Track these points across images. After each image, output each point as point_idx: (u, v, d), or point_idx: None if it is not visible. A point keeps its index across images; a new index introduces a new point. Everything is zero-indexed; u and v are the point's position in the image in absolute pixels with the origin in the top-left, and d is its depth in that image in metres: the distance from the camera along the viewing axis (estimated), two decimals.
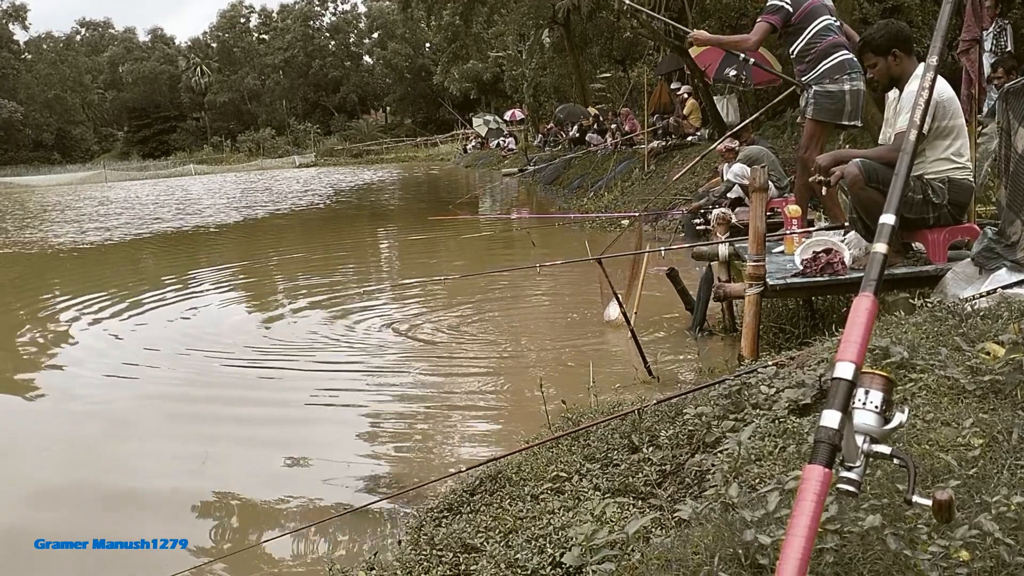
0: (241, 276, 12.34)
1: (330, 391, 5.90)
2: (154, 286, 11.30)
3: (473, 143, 48.94)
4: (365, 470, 4.48)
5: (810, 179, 5.18)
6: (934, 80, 1.52)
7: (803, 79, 5.39)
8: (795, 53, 5.38)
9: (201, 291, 10.88)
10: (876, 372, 1.27)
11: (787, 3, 5.26)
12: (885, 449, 1.24)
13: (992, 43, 8.24)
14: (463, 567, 2.70)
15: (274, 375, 6.29)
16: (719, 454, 2.63)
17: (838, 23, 5.38)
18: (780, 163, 8.68)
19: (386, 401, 5.62)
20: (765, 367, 3.24)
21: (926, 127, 4.17)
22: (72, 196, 36.86)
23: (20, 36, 79.36)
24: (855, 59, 5.30)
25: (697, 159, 8.55)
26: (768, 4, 5.34)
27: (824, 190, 5.55)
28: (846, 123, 5.39)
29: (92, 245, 17.47)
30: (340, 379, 6.16)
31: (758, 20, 5.40)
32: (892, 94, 4.53)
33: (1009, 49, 8.48)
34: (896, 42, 4.27)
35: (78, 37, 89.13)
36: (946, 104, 4.23)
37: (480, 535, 2.83)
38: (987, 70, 7.33)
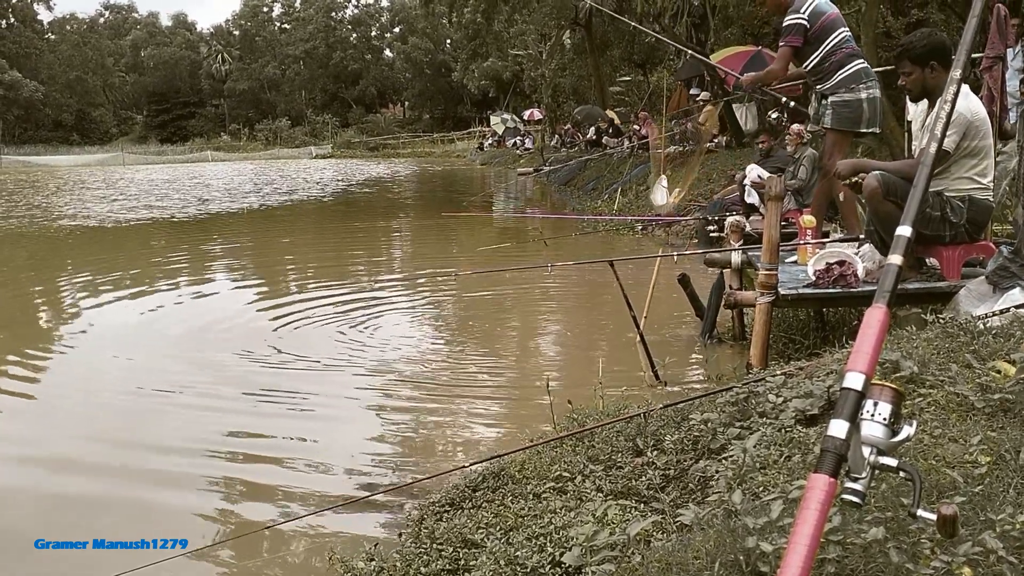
0: (273, 260, 12.42)
1: (336, 385, 5.90)
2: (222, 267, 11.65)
3: (490, 141, 48.95)
4: (369, 462, 4.50)
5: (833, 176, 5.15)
6: (956, 94, 1.51)
7: (819, 89, 5.40)
8: (810, 66, 5.38)
9: (235, 277, 11.00)
10: (886, 384, 1.26)
11: (804, 19, 5.28)
12: (891, 462, 1.23)
13: (1023, 61, 8.15)
14: (463, 562, 2.71)
15: (282, 368, 6.29)
16: (724, 461, 2.62)
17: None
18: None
19: (391, 395, 5.62)
20: (773, 376, 3.23)
21: (955, 144, 4.14)
22: (104, 176, 37.29)
23: (44, 16, 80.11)
24: (870, 68, 5.36)
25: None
26: (785, 26, 5.37)
27: (842, 196, 5.54)
28: (864, 130, 5.41)
29: (152, 221, 18.28)
30: (346, 373, 6.16)
31: (780, 45, 5.44)
32: (921, 106, 4.51)
33: None
34: (936, 54, 4.21)
35: (101, 20, 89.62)
36: (979, 124, 4.20)
37: (481, 531, 2.84)
38: (1012, 88, 7.24)
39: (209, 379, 6.05)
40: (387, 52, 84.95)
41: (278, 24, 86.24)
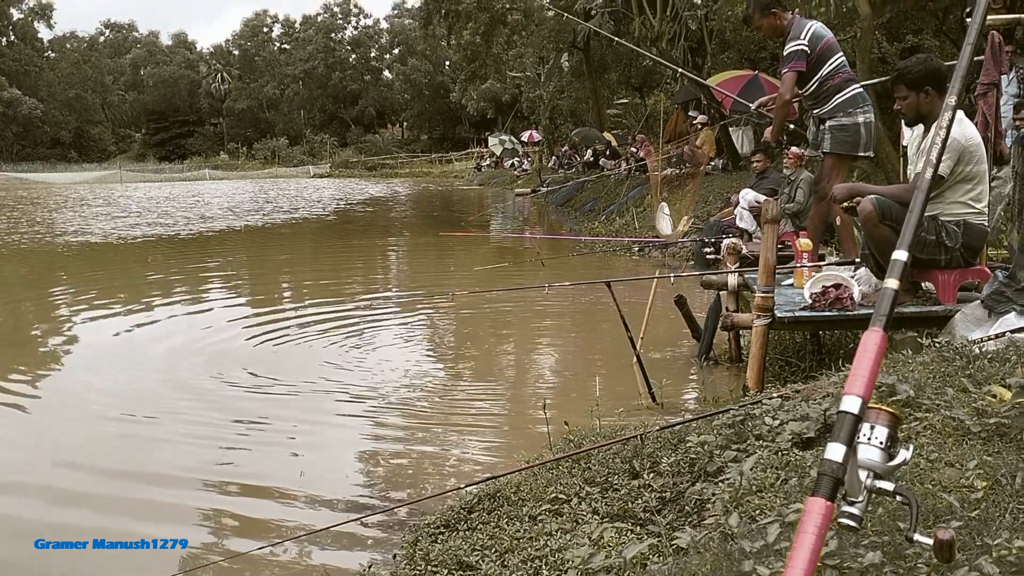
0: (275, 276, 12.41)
1: (331, 405, 5.87)
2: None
3: (487, 162, 49.11)
4: (363, 483, 4.47)
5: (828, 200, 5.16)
6: (951, 120, 1.52)
7: (816, 113, 5.46)
8: (809, 91, 5.43)
9: (232, 296, 10.97)
10: (882, 408, 1.26)
11: (805, 45, 5.34)
12: (888, 485, 1.23)
13: (1018, 87, 8.20)
14: None
15: (275, 389, 6.25)
16: (720, 483, 2.62)
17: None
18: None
19: (386, 416, 5.59)
20: (770, 399, 3.23)
21: (949, 170, 4.17)
22: (104, 194, 37.44)
23: (45, 34, 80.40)
24: (865, 93, 5.43)
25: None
26: (788, 53, 5.41)
27: (839, 220, 5.57)
28: (861, 154, 5.47)
29: (156, 238, 18.60)
30: (341, 393, 6.13)
31: (784, 72, 5.48)
32: (916, 130, 4.54)
33: None
34: (931, 80, 4.25)
35: (102, 38, 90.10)
36: (973, 150, 4.23)
37: (476, 553, 2.82)
38: (1006, 113, 7.29)
39: (201, 401, 6.00)
40: (386, 73, 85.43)
41: (278, 44, 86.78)
